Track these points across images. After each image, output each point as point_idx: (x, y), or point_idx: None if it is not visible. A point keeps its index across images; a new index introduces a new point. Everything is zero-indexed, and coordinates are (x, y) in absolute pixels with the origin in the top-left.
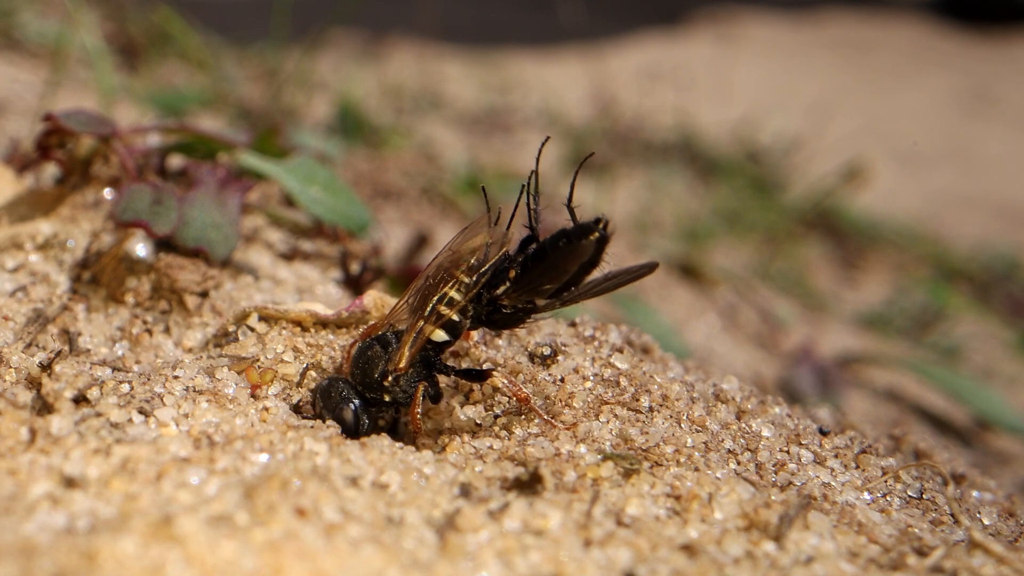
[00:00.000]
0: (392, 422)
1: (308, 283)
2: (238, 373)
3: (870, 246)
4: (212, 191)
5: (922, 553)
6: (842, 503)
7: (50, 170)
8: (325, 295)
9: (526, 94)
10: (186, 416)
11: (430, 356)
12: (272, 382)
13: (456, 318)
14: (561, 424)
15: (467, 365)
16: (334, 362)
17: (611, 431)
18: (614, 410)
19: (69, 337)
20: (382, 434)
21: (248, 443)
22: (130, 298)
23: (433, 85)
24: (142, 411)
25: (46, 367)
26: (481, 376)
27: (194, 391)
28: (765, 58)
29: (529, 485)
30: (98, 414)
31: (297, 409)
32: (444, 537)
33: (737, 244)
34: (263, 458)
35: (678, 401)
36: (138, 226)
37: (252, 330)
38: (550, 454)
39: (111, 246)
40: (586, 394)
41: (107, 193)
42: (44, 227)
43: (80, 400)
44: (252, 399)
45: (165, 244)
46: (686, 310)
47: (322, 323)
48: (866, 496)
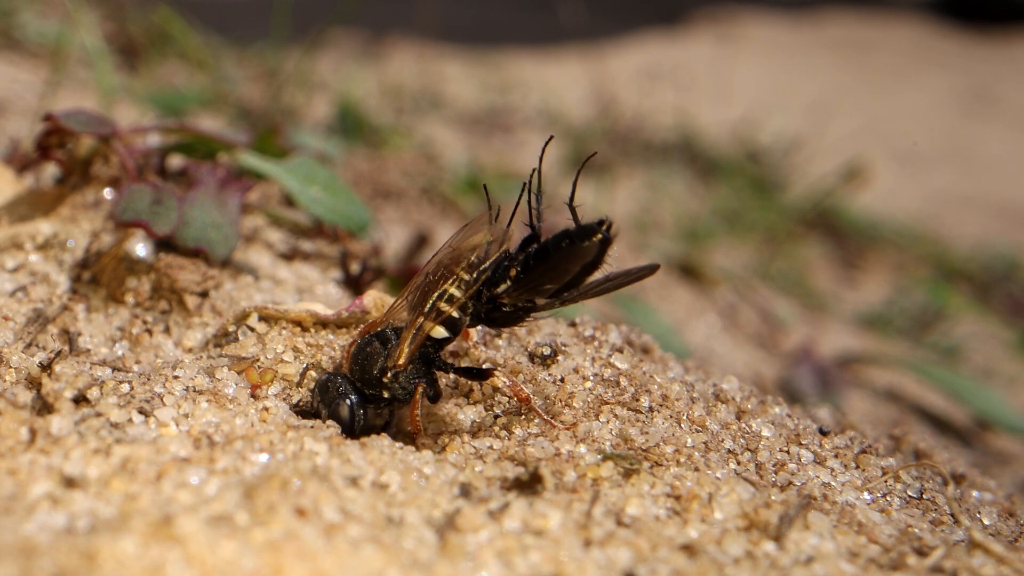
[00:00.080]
0: (388, 419)
1: (308, 283)
2: (238, 373)
3: (870, 246)
4: (212, 191)
5: (922, 553)
6: (842, 503)
7: (50, 170)
8: (325, 295)
9: (526, 94)
10: (186, 416)
11: (430, 353)
12: (272, 382)
13: (456, 315)
14: (561, 424)
15: (467, 364)
16: (334, 362)
17: (611, 431)
18: (614, 410)
19: (69, 337)
20: (382, 434)
21: (248, 443)
22: (130, 298)
23: (433, 85)
24: (142, 411)
25: (46, 367)
26: (482, 375)
27: (194, 391)
28: (765, 58)
29: (529, 485)
30: (98, 414)
31: (297, 409)
32: (444, 537)
33: (737, 244)
34: (263, 458)
35: (678, 401)
36: (138, 226)
37: (252, 330)
38: (550, 454)
39: (111, 246)
40: (586, 394)
41: (107, 193)
42: (44, 227)
43: (80, 400)
44: (252, 399)
45: (165, 244)
46: (686, 310)
47: (322, 323)
48: (866, 496)
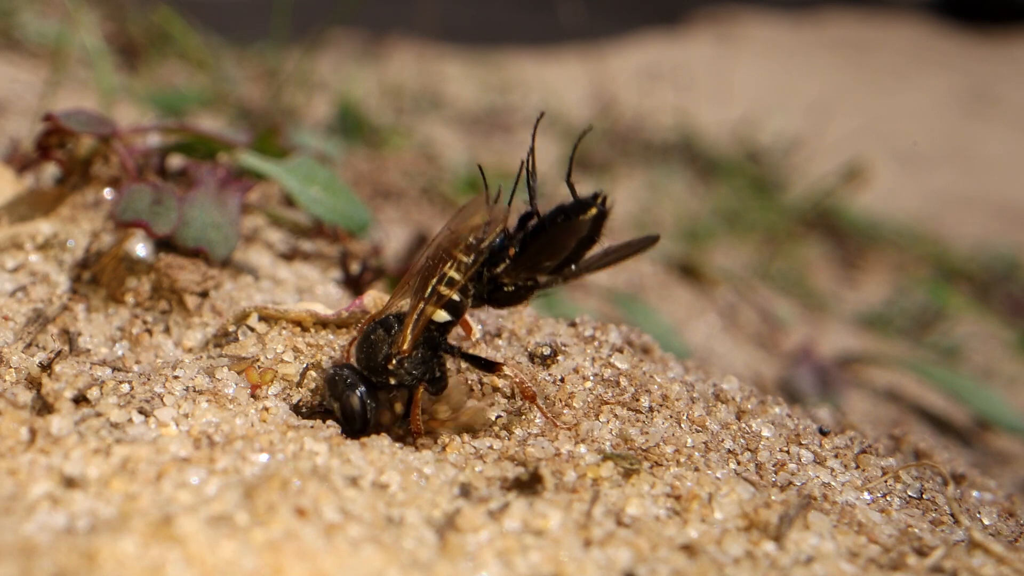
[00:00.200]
0: (403, 414)
1: (308, 283)
2: (238, 373)
3: (870, 246)
4: (212, 191)
5: (922, 553)
6: (842, 503)
7: (50, 170)
8: (325, 295)
9: (526, 94)
10: (186, 416)
11: (435, 337)
12: (272, 382)
13: (457, 298)
14: (562, 424)
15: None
16: (335, 362)
17: (611, 431)
18: (614, 410)
19: (69, 337)
20: (382, 434)
21: (248, 443)
22: (130, 298)
23: (433, 85)
24: (142, 411)
25: (46, 367)
26: (490, 367)
27: (194, 391)
28: (765, 58)
29: (529, 485)
30: (98, 414)
31: (297, 409)
32: (444, 537)
33: (737, 244)
34: (263, 458)
35: (678, 401)
36: (138, 226)
37: (252, 330)
38: (550, 454)
39: (111, 246)
40: (586, 394)
41: (107, 193)
42: (44, 227)
43: (80, 400)
44: (252, 399)
45: (165, 244)
46: (686, 310)
47: (322, 323)
48: (866, 496)
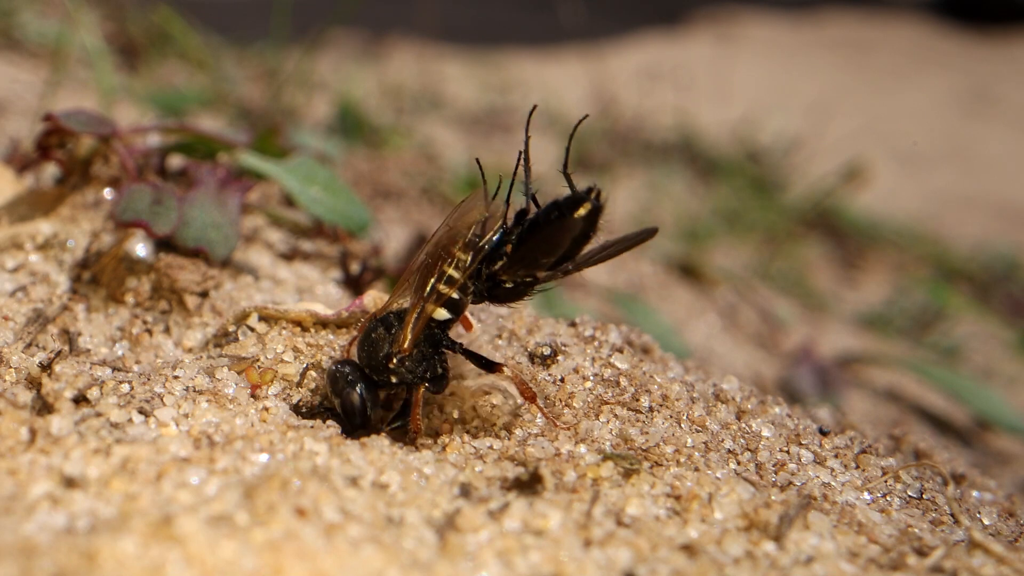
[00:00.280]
0: (402, 409)
1: (308, 283)
2: (238, 373)
3: (870, 246)
4: (212, 191)
5: (922, 553)
6: (842, 503)
7: (50, 170)
8: (325, 295)
9: (526, 94)
10: (186, 416)
11: (436, 334)
12: (272, 382)
13: (456, 296)
14: (562, 424)
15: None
16: (335, 359)
17: (611, 431)
18: (614, 410)
19: (69, 337)
20: (382, 434)
21: (248, 443)
22: (130, 298)
23: (433, 85)
24: (142, 411)
25: (46, 367)
26: (490, 367)
27: (194, 391)
28: (765, 58)
29: (529, 485)
30: (98, 414)
31: (297, 409)
32: (444, 537)
33: (737, 244)
34: (263, 458)
35: (678, 401)
36: (138, 226)
37: (252, 330)
38: (550, 454)
39: (111, 246)
40: (586, 394)
41: (107, 193)
42: (44, 227)
43: (80, 400)
44: (252, 399)
45: (165, 244)
46: (686, 310)
47: (322, 323)
48: (866, 496)
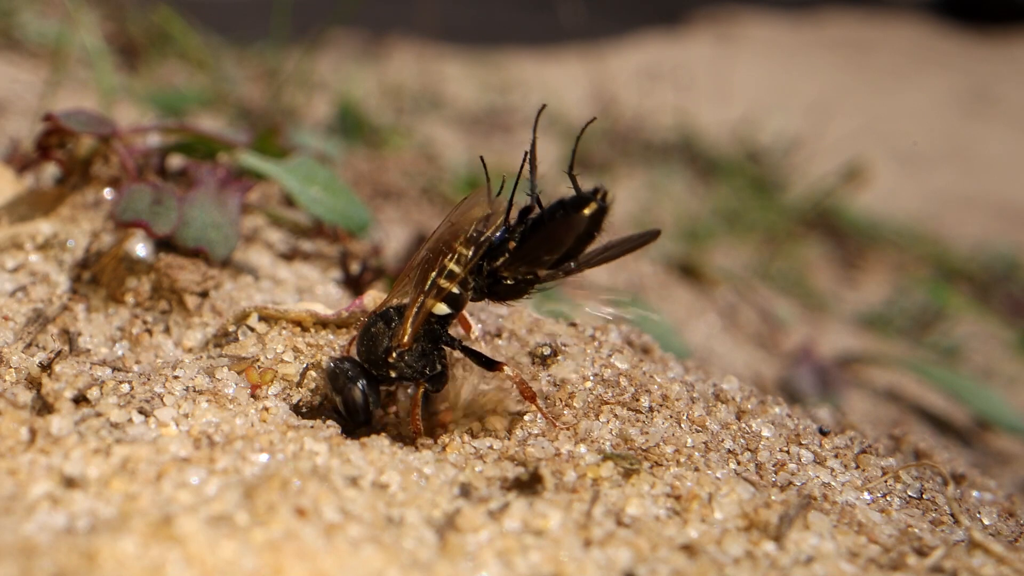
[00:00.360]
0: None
1: (308, 283)
2: (238, 373)
3: (870, 246)
4: (212, 191)
5: (922, 553)
6: (842, 503)
7: (50, 170)
8: (325, 295)
9: (526, 94)
10: (186, 416)
11: (436, 330)
12: (272, 382)
13: (456, 291)
14: (563, 424)
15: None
16: (335, 356)
17: (611, 431)
18: (614, 410)
19: (69, 337)
20: (382, 434)
21: (248, 443)
22: (130, 298)
23: (433, 85)
24: (142, 411)
25: (46, 367)
26: (490, 365)
27: (194, 391)
28: (765, 58)
29: (529, 485)
30: (98, 414)
31: (297, 409)
32: (444, 537)
33: (737, 244)
34: (263, 458)
35: (678, 401)
36: (138, 226)
37: (252, 330)
38: (550, 454)
39: (111, 246)
40: (586, 394)
41: (107, 193)
42: (44, 227)
43: (80, 400)
44: (252, 399)
45: (165, 244)
46: (686, 310)
47: (322, 323)
48: (866, 496)
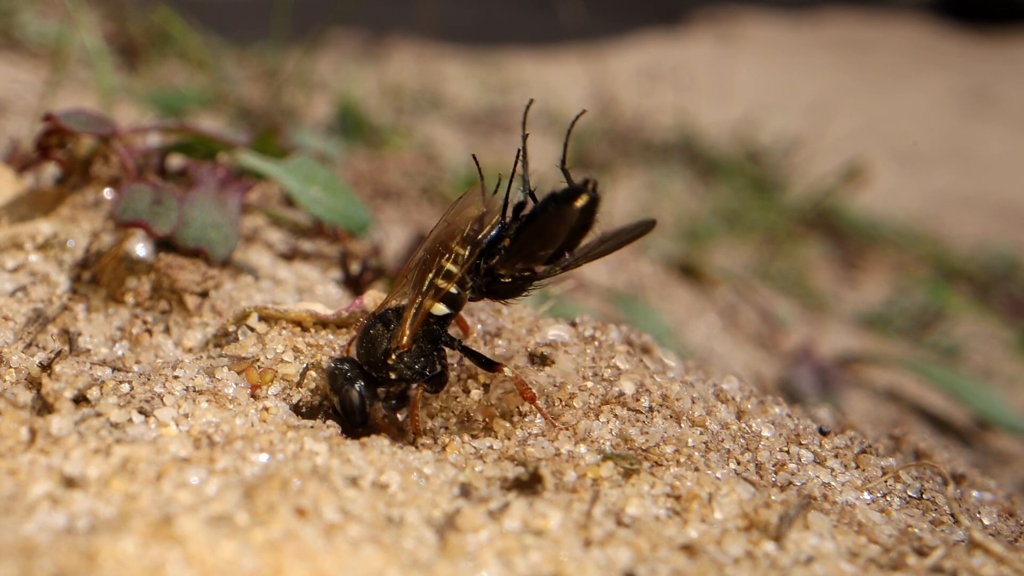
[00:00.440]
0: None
1: (308, 283)
2: (238, 373)
3: (870, 246)
4: (212, 191)
5: (922, 553)
6: (842, 503)
7: (50, 170)
8: (325, 295)
9: (526, 94)
10: (186, 416)
11: (435, 330)
12: (272, 382)
13: (455, 291)
14: (562, 424)
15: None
16: (335, 357)
17: (611, 431)
18: (614, 410)
19: (69, 337)
20: (382, 434)
21: (248, 443)
22: (130, 298)
23: (433, 85)
24: (142, 411)
25: (46, 367)
26: (490, 366)
27: (194, 391)
28: (765, 58)
29: (529, 485)
30: (98, 414)
31: (297, 409)
32: (444, 537)
33: (737, 244)
34: (263, 458)
35: (678, 401)
36: (138, 226)
37: (252, 330)
38: (550, 454)
39: (111, 246)
40: (586, 394)
41: (107, 193)
42: (44, 227)
43: (80, 400)
44: (252, 399)
45: (165, 244)
46: (686, 310)
47: (322, 323)
48: (866, 496)
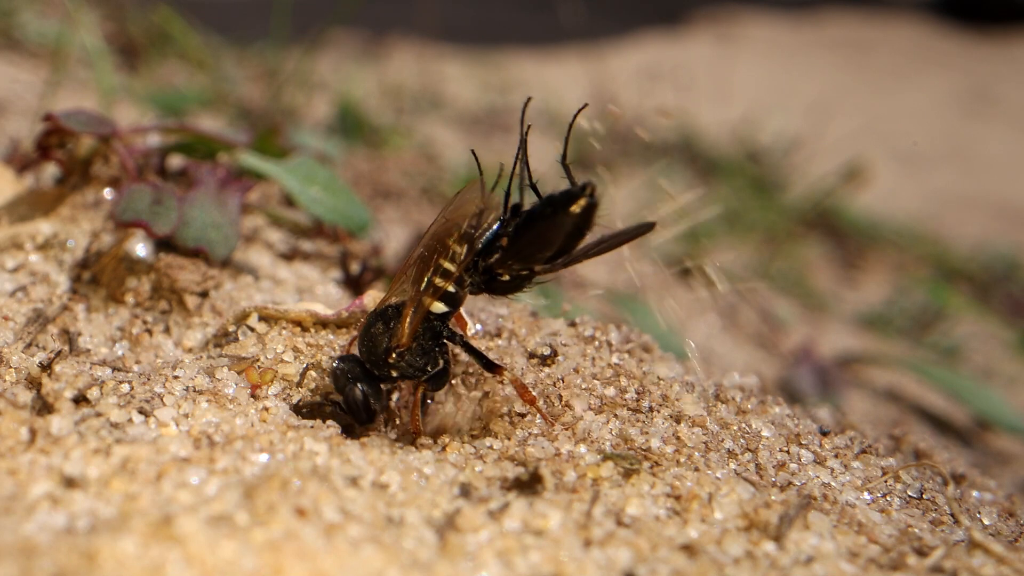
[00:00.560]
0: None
1: (308, 283)
2: (238, 373)
3: (870, 246)
4: (212, 191)
5: (922, 553)
6: (842, 503)
7: (50, 170)
8: (325, 295)
9: (526, 94)
10: (186, 416)
11: (435, 327)
12: (272, 382)
13: (452, 289)
14: (562, 425)
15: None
16: (338, 355)
17: (611, 431)
18: (614, 410)
19: (69, 337)
20: (382, 434)
21: (248, 443)
22: (130, 298)
23: (433, 85)
24: (142, 411)
25: (46, 367)
26: (490, 367)
27: (194, 391)
28: (765, 58)
29: (529, 485)
30: (98, 414)
31: (297, 409)
32: (444, 537)
33: (737, 244)
34: (263, 458)
35: (678, 401)
36: (138, 226)
37: (252, 330)
38: (550, 454)
39: (111, 246)
40: (586, 394)
41: (107, 193)
42: (44, 227)
43: (80, 400)
44: (252, 399)
45: (165, 244)
46: (686, 310)
47: (322, 323)
48: (866, 496)
